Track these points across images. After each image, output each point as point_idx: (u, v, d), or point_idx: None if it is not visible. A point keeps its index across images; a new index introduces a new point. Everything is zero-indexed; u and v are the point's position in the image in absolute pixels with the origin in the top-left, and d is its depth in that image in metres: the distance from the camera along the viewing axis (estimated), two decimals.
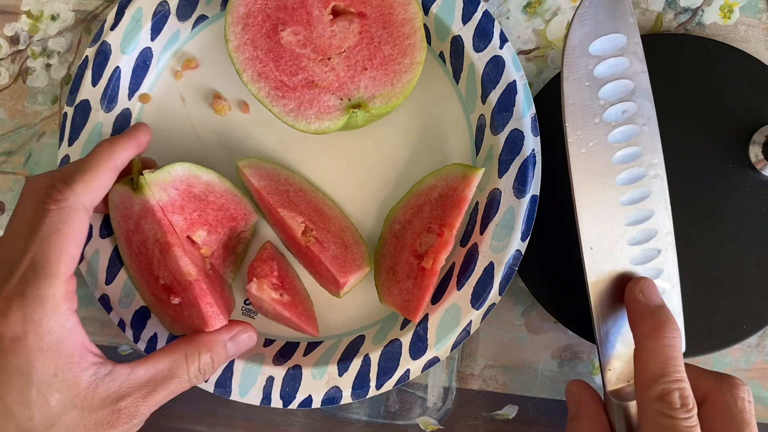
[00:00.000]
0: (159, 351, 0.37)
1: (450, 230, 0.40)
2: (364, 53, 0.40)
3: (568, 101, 0.37)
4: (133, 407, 0.34)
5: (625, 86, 0.37)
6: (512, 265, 0.42)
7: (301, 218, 0.42)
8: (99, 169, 0.36)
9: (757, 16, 0.45)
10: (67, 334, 0.33)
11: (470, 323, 0.42)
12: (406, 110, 0.45)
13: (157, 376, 0.36)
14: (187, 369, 0.37)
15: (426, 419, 0.47)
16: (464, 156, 0.45)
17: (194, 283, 0.38)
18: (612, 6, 0.37)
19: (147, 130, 0.40)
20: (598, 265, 0.38)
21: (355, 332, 0.45)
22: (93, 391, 0.33)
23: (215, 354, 0.38)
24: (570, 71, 0.37)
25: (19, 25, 0.48)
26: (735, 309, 0.44)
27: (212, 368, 0.38)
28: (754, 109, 0.43)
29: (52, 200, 0.34)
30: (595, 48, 0.37)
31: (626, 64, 0.37)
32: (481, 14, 0.42)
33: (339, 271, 0.42)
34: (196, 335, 0.38)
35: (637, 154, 0.38)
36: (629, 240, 0.38)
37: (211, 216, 0.42)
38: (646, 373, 0.35)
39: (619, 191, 0.38)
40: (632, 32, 0.37)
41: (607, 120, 0.37)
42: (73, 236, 0.34)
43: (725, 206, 0.44)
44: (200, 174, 0.41)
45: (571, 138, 0.37)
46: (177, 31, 0.45)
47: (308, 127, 0.40)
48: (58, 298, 0.33)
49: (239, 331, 0.40)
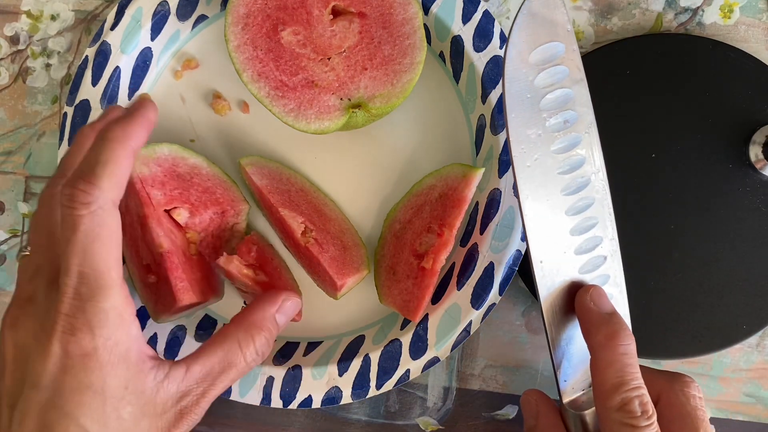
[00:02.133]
0: (211, 342, 0.35)
1: (450, 230, 0.40)
2: (364, 53, 0.40)
3: (510, 114, 0.36)
4: (194, 404, 0.34)
5: (566, 95, 0.37)
6: (512, 265, 0.42)
7: (301, 218, 0.42)
8: (119, 158, 0.32)
9: (757, 16, 0.45)
10: (133, 343, 0.32)
11: (470, 323, 0.42)
12: (406, 110, 0.45)
13: (213, 370, 0.34)
14: (243, 356, 0.35)
15: (426, 419, 0.47)
16: (464, 156, 0.45)
17: (165, 255, 0.38)
18: (549, 16, 0.36)
19: (154, 106, 0.37)
20: (548, 278, 0.38)
21: (355, 332, 0.45)
22: (156, 396, 0.32)
23: (267, 332, 0.37)
24: (511, 84, 0.36)
25: (19, 25, 0.48)
26: (735, 309, 0.44)
27: (268, 347, 0.37)
28: (754, 109, 0.43)
29: (81, 204, 0.31)
30: (534, 58, 0.36)
31: (565, 73, 0.37)
32: (481, 14, 0.42)
33: (337, 273, 0.42)
34: (244, 317, 0.37)
35: (579, 163, 0.38)
36: (576, 249, 0.38)
37: (194, 196, 0.41)
38: (604, 383, 0.35)
39: (564, 201, 0.38)
40: (569, 40, 0.37)
41: (549, 131, 0.37)
42: (112, 239, 0.31)
43: (725, 206, 0.44)
44: (188, 156, 0.42)
45: (515, 152, 0.36)
46: (177, 31, 0.45)
47: (308, 127, 0.40)
48: (120, 308, 0.31)
49: (283, 300, 0.38)
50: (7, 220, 0.49)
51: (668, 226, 0.44)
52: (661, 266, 0.44)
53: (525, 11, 0.36)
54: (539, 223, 0.37)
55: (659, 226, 0.44)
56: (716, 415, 0.46)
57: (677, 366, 0.45)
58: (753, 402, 0.45)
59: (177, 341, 0.44)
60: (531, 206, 0.37)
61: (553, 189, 0.37)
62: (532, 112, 0.37)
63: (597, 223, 0.38)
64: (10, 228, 0.49)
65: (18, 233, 0.49)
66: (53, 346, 0.30)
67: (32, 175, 0.49)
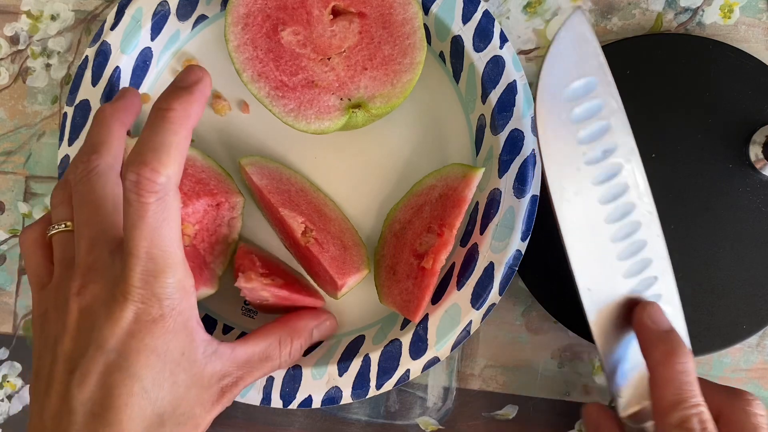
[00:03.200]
0: (255, 333, 0.39)
1: (450, 230, 0.40)
2: (364, 53, 0.40)
3: (546, 151, 0.36)
4: (232, 385, 0.36)
5: (603, 127, 0.37)
6: (512, 265, 0.42)
7: (301, 218, 0.42)
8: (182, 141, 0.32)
9: (757, 16, 0.45)
10: (192, 312, 0.34)
11: (470, 323, 0.42)
12: (406, 110, 0.45)
13: (253, 358, 0.37)
14: (279, 354, 0.39)
15: (426, 419, 0.47)
16: (464, 156, 0.45)
17: None
18: (580, 49, 0.36)
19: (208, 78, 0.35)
20: (597, 304, 0.38)
21: (355, 332, 0.45)
22: (204, 368, 0.34)
23: (303, 340, 0.40)
24: (545, 122, 0.36)
25: (19, 25, 0.48)
26: (735, 309, 0.44)
27: (300, 354, 0.40)
28: (754, 109, 0.43)
29: (148, 192, 0.31)
30: (568, 94, 0.36)
31: (601, 105, 0.37)
32: (481, 14, 0.42)
33: (337, 273, 0.42)
34: (288, 321, 0.40)
35: (622, 191, 0.38)
36: (624, 273, 0.38)
37: (186, 186, 0.41)
38: (663, 400, 0.35)
39: (609, 229, 0.37)
40: (603, 71, 0.37)
41: (588, 164, 0.37)
42: (177, 220, 0.32)
43: (725, 206, 0.44)
44: None
45: (553, 187, 0.36)
46: (177, 31, 0.45)
47: (308, 127, 0.40)
48: (183, 281, 0.33)
49: (324, 320, 0.42)
50: (7, 220, 0.49)
51: (668, 226, 0.44)
52: None
53: (554, 49, 0.36)
54: (584, 254, 0.37)
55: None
56: None
57: None
58: None
59: None
60: (573, 239, 0.37)
61: (596, 219, 0.37)
62: (569, 149, 0.36)
63: (645, 246, 0.38)
64: (10, 228, 0.49)
65: (18, 233, 0.49)
66: (125, 312, 0.32)
67: (32, 175, 0.49)
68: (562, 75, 0.36)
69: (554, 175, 0.36)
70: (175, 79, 0.34)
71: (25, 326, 0.49)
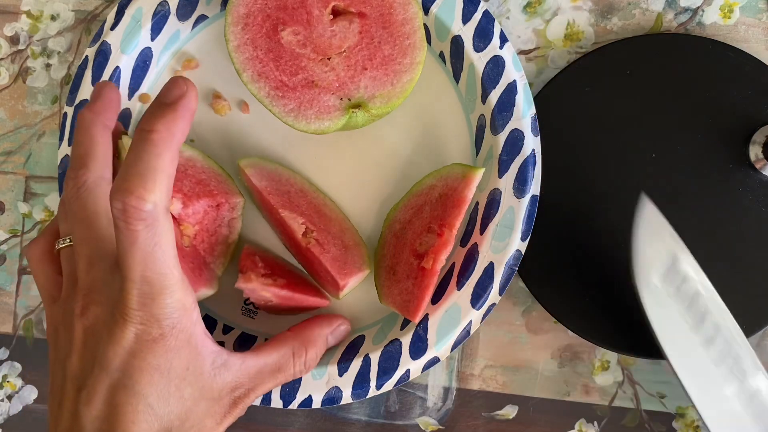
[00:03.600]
0: (268, 344, 0.38)
1: (450, 230, 0.40)
2: (364, 53, 0.40)
3: (659, 328, 0.40)
4: (244, 396, 0.36)
5: (706, 306, 0.41)
6: (512, 265, 0.42)
7: (301, 219, 0.42)
8: (167, 164, 0.31)
9: (757, 16, 0.45)
10: (195, 328, 0.34)
11: (470, 323, 0.42)
12: (406, 110, 0.45)
13: (265, 369, 0.37)
14: (293, 364, 0.39)
15: (426, 419, 0.47)
16: (464, 156, 0.44)
17: None
18: (655, 229, 0.40)
19: (194, 91, 0.34)
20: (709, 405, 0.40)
21: (355, 332, 0.45)
22: (213, 380, 0.35)
23: (319, 348, 0.41)
24: (650, 304, 0.40)
25: (19, 25, 0.48)
26: (735, 309, 0.43)
27: (315, 362, 0.41)
28: (754, 109, 0.43)
29: (136, 220, 0.30)
30: (660, 275, 0.40)
31: (695, 285, 0.41)
32: (481, 14, 0.42)
33: (338, 273, 0.42)
34: (302, 330, 0.40)
35: (726, 349, 0.41)
36: (737, 394, 0.40)
37: (187, 187, 0.41)
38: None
39: (718, 372, 0.41)
40: (681, 247, 0.41)
41: (698, 335, 0.41)
42: (170, 242, 0.32)
43: (725, 206, 0.44)
44: (183, 150, 0.41)
45: (672, 356, 0.40)
46: (177, 31, 0.45)
47: (308, 127, 0.40)
48: (182, 299, 0.33)
49: (338, 325, 0.42)
50: (7, 220, 0.49)
51: None
52: None
53: (638, 240, 0.40)
54: (707, 397, 0.40)
55: None
56: None
57: None
58: None
59: None
60: (696, 390, 0.40)
61: (710, 373, 0.40)
62: (679, 323, 0.41)
63: (746, 373, 0.41)
64: (10, 228, 0.49)
65: (18, 233, 0.49)
66: (125, 333, 0.32)
67: (32, 175, 0.49)
68: (650, 259, 0.40)
69: (669, 345, 0.41)
70: (159, 93, 0.33)
71: (25, 326, 0.49)
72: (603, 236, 0.44)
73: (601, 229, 0.44)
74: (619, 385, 0.46)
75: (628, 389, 0.46)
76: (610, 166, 0.44)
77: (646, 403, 0.46)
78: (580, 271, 0.44)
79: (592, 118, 0.44)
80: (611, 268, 0.44)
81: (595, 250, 0.44)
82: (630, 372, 0.46)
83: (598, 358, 0.46)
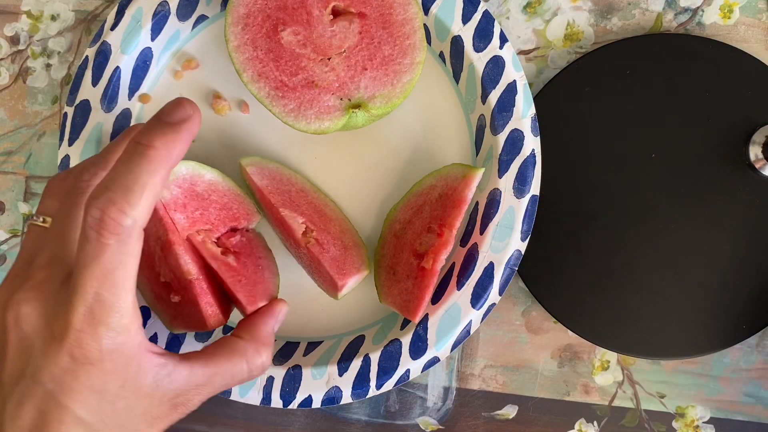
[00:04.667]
0: (220, 351, 0.36)
1: (450, 230, 0.40)
2: (364, 53, 0.40)
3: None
4: (188, 401, 0.34)
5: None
6: (512, 265, 0.42)
7: (301, 219, 0.42)
8: (157, 182, 0.30)
9: (757, 16, 0.45)
10: (135, 350, 0.32)
11: (470, 323, 0.42)
12: (406, 110, 0.45)
13: (215, 379, 0.35)
14: (249, 370, 0.36)
15: (426, 419, 0.47)
16: (464, 156, 0.45)
17: (194, 282, 0.38)
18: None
19: (198, 115, 0.33)
20: None
21: (355, 332, 0.45)
22: (154, 391, 0.33)
23: (271, 345, 0.38)
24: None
25: (19, 25, 0.48)
26: (735, 309, 0.44)
27: (270, 360, 0.38)
28: (754, 109, 0.43)
29: (110, 233, 0.29)
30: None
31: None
32: (481, 14, 0.42)
33: (337, 274, 0.42)
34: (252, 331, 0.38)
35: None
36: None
37: (213, 215, 0.41)
38: None
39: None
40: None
41: None
42: (134, 264, 0.31)
43: (725, 206, 0.44)
44: (204, 173, 0.41)
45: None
46: (177, 31, 0.45)
47: (308, 127, 0.40)
48: (128, 324, 0.31)
49: (278, 312, 0.40)
50: (7, 220, 0.49)
51: (668, 226, 0.44)
52: (660, 266, 0.44)
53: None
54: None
55: (659, 226, 0.44)
56: (716, 415, 0.46)
57: (677, 366, 0.46)
58: (753, 402, 0.45)
59: (177, 341, 0.44)
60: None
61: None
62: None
63: None
64: (10, 228, 0.49)
65: (18, 233, 0.49)
66: (61, 351, 0.30)
67: (32, 175, 0.49)
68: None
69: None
70: (162, 110, 0.32)
71: None
72: (603, 236, 0.44)
73: (601, 229, 0.44)
74: (619, 384, 0.46)
75: (627, 389, 0.46)
76: (610, 166, 0.44)
77: (646, 402, 0.46)
78: (580, 271, 0.44)
79: (592, 118, 0.44)
80: (611, 268, 0.44)
81: (595, 250, 0.44)
82: (630, 372, 0.46)
83: (598, 358, 0.46)
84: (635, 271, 0.44)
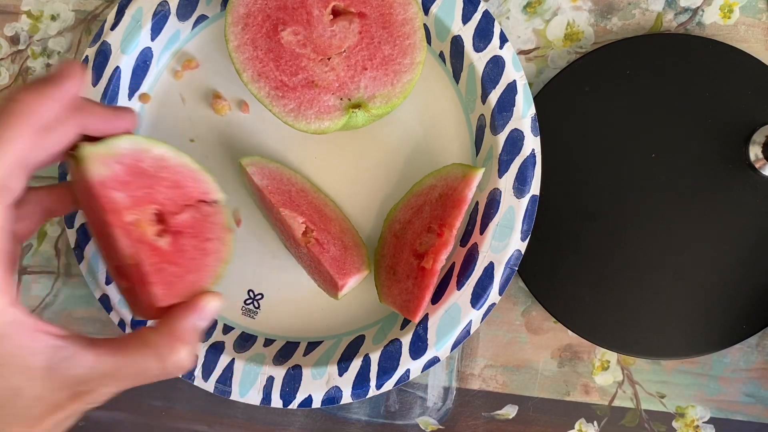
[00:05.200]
0: (130, 342, 0.33)
1: (450, 230, 0.40)
2: (364, 53, 0.40)
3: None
4: (92, 392, 0.32)
5: None
6: (512, 265, 0.42)
7: (302, 219, 0.42)
8: (6, 140, 0.28)
9: (757, 16, 0.45)
10: (6, 327, 0.30)
11: (470, 323, 0.42)
12: (406, 110, 0.45)
13: (121, 372, 0.32)
14: (163, 366, 0.33)
15: (426, 419, 0.47)
16: (464, 156, 0.45)
17: (133, 267, 0.35)
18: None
19: (81, 74, 0.30)
20: None
21: (355, 332, 0.45)
22: (48, 374, 0.31)
23: (190, 344, 0.34)
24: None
25: (19, 25, 0.48)
26: (735, 309, 0.44)
27: (194, 356, 0.35)
28: (754, 109, 0.43)
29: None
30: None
31: None
32: (481, 14, 0.42)
33: (338, 273, 0.42)
34: (166, 326, 0.34)
35: None
36: None
37: (162, 194, 0.36)
38: None
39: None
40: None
41: None
42: (8, 236, 0.27)
43: (725, 206, 0.44)
44: (150, 147, 0.36)
45: None
46: (177, 31, 0.45)
47: (308, 127, 0.40)
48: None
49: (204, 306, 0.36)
50: None
51: (668, 226, 0.44)
52: (660, 266, 0.44)
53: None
54: None
55: (659, 226, 0.44)
56: (716, 415, 0.46)
57: (677, 366, 0.46)
58: (753, 402, 0.45)
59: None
60: None
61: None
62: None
63: None
64: None
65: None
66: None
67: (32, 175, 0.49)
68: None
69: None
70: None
71: None
72: (603, 236, 0.44)
73: (601, 229, 0.44)
74: (619, 384, 0.46)
75: (627, 389, 0.46)
76: (610, 166, 0.44)
77: (646, 402, 0.46)
78: (580, 271, 0.44)
79: (592, 118, 0.44)
80: (611, 268, 0.44)
81: (595, 250, 0.44)
82: (630, 372, 0.46)
83: (598, 358, 0.46)
84: (635, 271, 0.44)
